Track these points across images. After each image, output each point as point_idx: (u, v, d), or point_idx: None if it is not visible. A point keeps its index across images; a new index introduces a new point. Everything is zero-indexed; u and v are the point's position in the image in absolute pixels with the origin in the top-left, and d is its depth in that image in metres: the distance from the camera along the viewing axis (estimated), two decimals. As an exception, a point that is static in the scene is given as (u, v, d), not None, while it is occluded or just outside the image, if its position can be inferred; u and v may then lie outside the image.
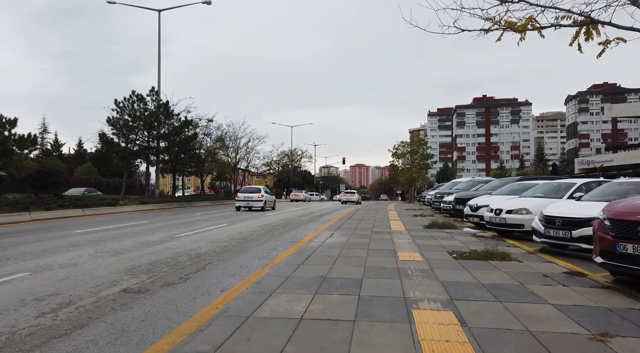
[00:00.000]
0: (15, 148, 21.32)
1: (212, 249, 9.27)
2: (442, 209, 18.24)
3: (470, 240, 10.17)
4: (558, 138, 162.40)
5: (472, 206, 12.61)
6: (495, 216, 10.20)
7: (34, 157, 53.21)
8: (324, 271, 6.31)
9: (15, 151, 21.16)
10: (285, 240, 10.96)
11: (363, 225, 14.44)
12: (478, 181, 21.15)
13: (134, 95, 27.16)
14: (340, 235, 11.33)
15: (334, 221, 16.59)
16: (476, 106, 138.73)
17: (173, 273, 6.67)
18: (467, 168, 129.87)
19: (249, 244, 10.13)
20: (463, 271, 6.30)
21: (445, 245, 9.26)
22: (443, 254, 7.98)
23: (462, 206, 14.75)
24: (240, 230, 13.47)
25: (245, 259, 8.03)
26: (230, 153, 42.67)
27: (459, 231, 12.07)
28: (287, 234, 12.32)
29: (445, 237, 10.67)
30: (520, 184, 13.19)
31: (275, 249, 9.30)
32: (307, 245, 9.35)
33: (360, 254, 7.93)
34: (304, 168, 75.68)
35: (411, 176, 43.98)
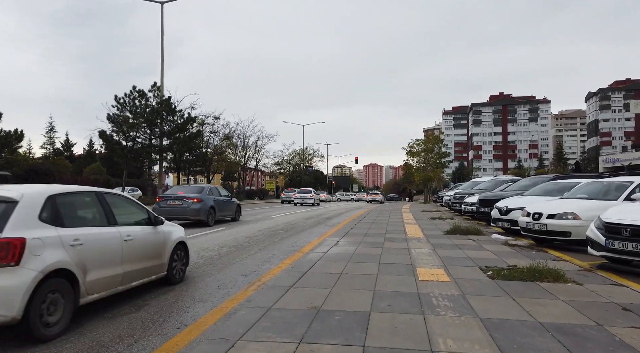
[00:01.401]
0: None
1: (193, 261, 7.76)
2: (464, 211, 16.51)
3: (503, 249, 8.49)
4: (577, 137, 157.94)
5: (501, 209, 10.90)
6: (534, 222, 8.50)
7: (42, 156, 52.84)
8: (320, 299, 4.74)
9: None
10: (284, 248, 9.42)
11: (375, 229, 12.82)
12: (502, 180, 19.33)
13: (135, 90, 25.93)
14: (347, 242, 9.74)
15: (342, 224, 14.99)
16: (493, 104, 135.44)
17: (128, 299, 5.18)
18: (483, 167, 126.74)
19: (240, 254, 8.61)
20: (507, 301, 4.66)
21: (474, 256, 7.61)
22: (474, 271, 6.34)
23: (487, 209, 13.03)
24: (237, 235, 11.98)
25: (228, 275, 6.51)
26: (238, 152, 41.34)
27: (487, 238, 10.37)
28: (287, 240, 10.78)
29: (472, 246, 9.00)
30: (556, 184, 11.43)
31: (268, 261, 7.77)
32: (307, 257, 7.78)
33: (369, 270, 6.33)
34: (315, 167, 74.19)
35: (426, 175, 42.03)
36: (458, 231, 11.28)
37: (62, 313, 3.90)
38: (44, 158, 52.43)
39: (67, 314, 3.96)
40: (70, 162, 61.57)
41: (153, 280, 5.52)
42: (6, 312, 3.42)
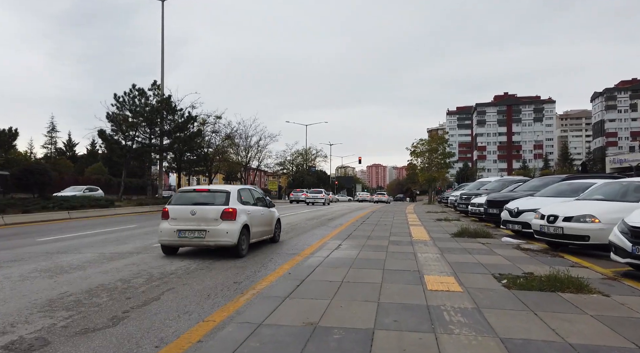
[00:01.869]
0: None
1: (185, 265, 7.29)
2: (470, 212, 15.96)
3: (516, 254, 7.96)
4: (583, 137, 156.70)
5: (511, 211, 10.35)
6: (548, 225, 7.96)
7: (44, 156, 52.56)
8: (317, 313, 4.24)
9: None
10: (283, 251, 8.94)
11: (378, 231, 12.31)
12: (510, 180, 18.76)
13: (135, 89, 25.48)
14: (349, 245, 9.23)
15: (345, 226, 14.49)
16: (497, 104, 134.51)
17: (107, 309, 4.71)
18: (487, 167, 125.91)
19: (234, 260, 8.12)
20: (529, 316, 4.14)
21: (485, 262, 7.08)
22: (487, 279, 5.81)
23: (496, 210, 12.49)
24: (234, 237, 11.48)
25: (220, 283, 6.02)
26: (240, 152, 40.85)
27: (497, 241, 9.84)
28: (287, 243, 10.30)
29: (482, 250, 8.47)
30: (570, 184, 10.87)
31: (265, 266, 7.28)
32: (306, 262, 7.28)
33: (373, 278, 5.82)
34: (318, 167, 73.62)
35: (431, 175, 41.41)
36: (466, 233, 10.76)
37: (246, 244, 8.35)
38: (45, 157, 52.11)
39: (247, 246, 8.40)
40: (73, 162, 61.32)
41: (267, 239, 9.99)
42: (232, 240, 7.77)
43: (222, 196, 8.40)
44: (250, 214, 8.56)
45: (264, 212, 9.60)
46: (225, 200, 8.19)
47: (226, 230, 7.80)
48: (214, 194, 8.57)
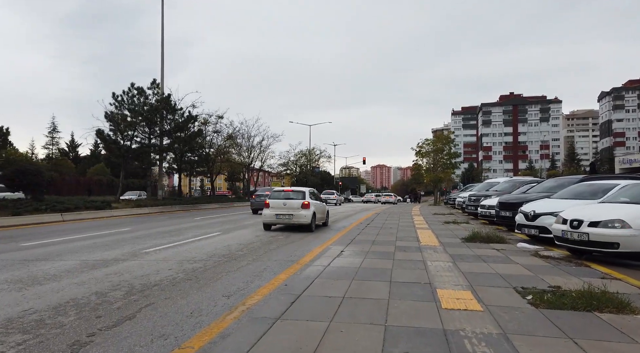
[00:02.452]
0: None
1: (172, 275, 6.63)
2: (480, 215, 15.21)
3: (536, 263, 7.23)
4: (590, 137, 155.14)
5: (527, 214, 9.62)
6: (572, 230, 7.23)
7: (45, 156, 52.19)
8: (313, 340, 3.56)
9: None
10: (281, 258, 8.27)
11: (384, 235, 11.60)
12: (521, 181, 18.00)
13: (134, 88, 24.87)
14: (353, 252, 8.53)
15: (348, 229, 13.79)
16: (503, 104, 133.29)
17: (71, 332, 4.05)
18: (493, 168, 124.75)
19: (229, 266, 7.46)
20: (567, 344, 3.44)
21: (503, 272, 6.37)
22: (510, 294, 5.11)
23: (509, 213, 11.76)
24: (231, 241, 10.84)
25: (207, 297, 5.35)
26: (242, 152, 40.20)
27: (512, 247, 9.11)
28: (286, 249, 9.62)
29: (497, 258, 7.75)
30: (590, 186, 10.12)
31: (259, 276, 6.61)
32: (304, 271, 6.60)
33: (379, 293, 5.13)
34: (322, 168, 72.86)
35: (436, 176, 40.57)
36: (478, 238, 10.03)
37: (314, 224, 13.34)
38: (47, 158, 51.73)
39: (315, 225, 13.41)
40: (76, 163, 60.95)
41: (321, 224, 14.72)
42: (307, 221, 12.98)
43: (301, 194, 13.70)
44: (316, 206, 13.76)
45: (322, 205, 14.87)
46: (303, 196, 13.51)
47: (304, 214, 13.10)
48: (296, 192, 13.87)
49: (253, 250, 9.35)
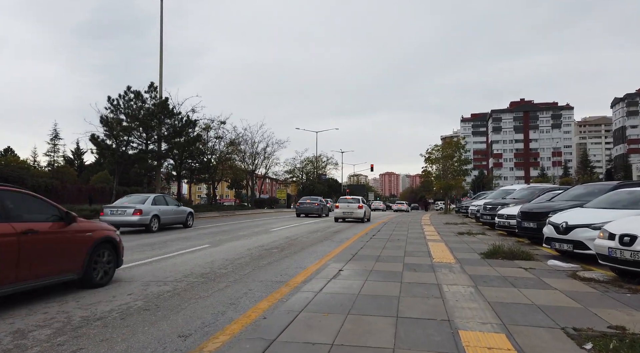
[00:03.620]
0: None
1: (129, 303, 5.37)
2: (498, 225, 13.78)
3: (578, 288, 5.85)
4: (602, 144, 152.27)
5: (558, 226, 8.22)
6: (623, 248, 5.85)
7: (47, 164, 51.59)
8: None
9: None
10: (268, 278, 6.98)
11: (390, 249, 10.25)
12: (541, 188, 16.56)
13: (130, 91, 23.87)
14: (353, 271, 7.20)
15: (351, 241, 12.45)
16: (513, 110, 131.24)
17: None
18: (504, 175, 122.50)
19: (204, 289, 6.19)
20: None
21: (542, 303, 5.00)
22: (559, 339, 3.75)
23: (533, 224, 10.35)
24: (217, 256, 9.57)
25: (158, 337, 4.10)
26: (246, 158, 39.07)
27: (542, 265, 7.71)
28: (277, 265, 8.33)
29: (528, 280, 6.37)
30: (631, 193, 8.67)
31: (235, 304, 5.34)
32: (290, 299, 5.30)
33: (380, 338, 3.80)
34: (329, 175, 71.50)
35: (447, 183, 39.00)
36: (500, 254, 8.65)
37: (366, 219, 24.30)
38: (48, 165, 51.10)
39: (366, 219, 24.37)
40: (80, 170, 60.37)
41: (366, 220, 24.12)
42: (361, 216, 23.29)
43: (357, 200, 23.21)
44: (365, 207, 23.13)
45: (367, 207, 24.34)
46: (358, 202, 22.87)
47: (359, 212, 22.35)
48: (354, 199, 23.27)
49: (239, 267, 8.07)
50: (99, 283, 6.28)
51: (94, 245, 6.24)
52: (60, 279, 5.71)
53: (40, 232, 5.39)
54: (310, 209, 29.27)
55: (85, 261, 6.06)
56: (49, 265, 5.49)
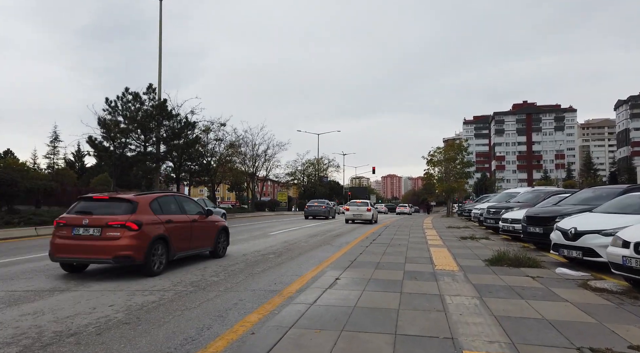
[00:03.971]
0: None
1: (109, 315, 5.02)
2: (502, 229, 13.39)
3: (591, 300, 5.47)
4: (605, 146, 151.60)
5: (567, 232, 7.84)
6: (639, 257, 5.46)
7: (46, 166, 51.36)
8: None
9: None
10: (261, 287, 6.62)
11: (391, 255, 9.88)
12: (546, 191, 16.16)
13: (128, 92, 23.58)
14: (350, 279, 6.83)
15: (351, 246, 12.08)
16: (516, 113, 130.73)
17: None
18: (507, 178, 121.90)
19: (192, 299, 5.85)
20: None
21: (553, 317, 4.62)
22: (576, 363, 3.38)
23: (539, 229, 9.96)
24: (209, 262, 9.21)
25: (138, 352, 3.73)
26: (247, 161, 38.73)
27: (551, 273, 7.33)
28: (273, 272, 7.97)
29: (536, 291, 5.99)
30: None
31: (223, 317, 4.97)
32: (283, 312, 4.94)
33: (378, 359, 3.44)
34: (331, 178, 71.16)
35: (450, 186, 38.56)
36: (505, 260, 8.27)
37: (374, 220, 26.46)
38: (48, 167, 50.86)
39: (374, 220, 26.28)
40: (82, 173, 60.11)
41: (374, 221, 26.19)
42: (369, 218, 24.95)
43: (366, 203, 25.20)
44: (373, 210, 25.13)
45: (375, 210, 26.86)
46: (367, 205, 24.94)
47: (368, 214, 24.18)
48: (363, 203, 25.47)
49: (232, 275, 7.71)
50: (221, 255, 9.87)
51: (219, 230, 9.70)
52: (203, 250, 9.32)
53: (197, 221, 8.84)
54: (318, 212, 30.84)
55: (215, 240, 9.56)
56: (200, 241, 8.96)
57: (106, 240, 6.96)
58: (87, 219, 7.09)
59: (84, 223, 7.07)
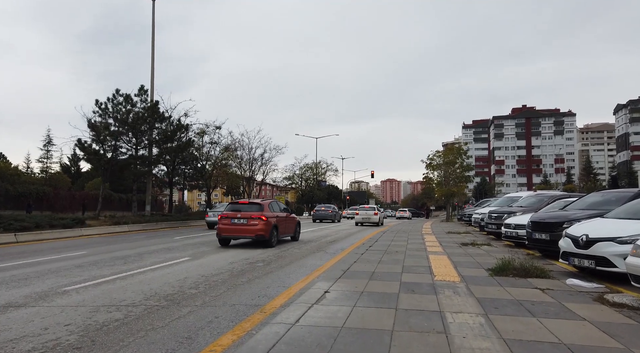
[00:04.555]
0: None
1: (60, 338, 4.37)
2: (505, 235, 12.76)
3: (610, 317, 4.83)
4: (605, 151, 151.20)
5: (577, 240, 7.21)
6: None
7: (40, 170, 50.65)
8: None
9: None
10: (243, 301, 5.98)
11: (387, 263, 9.24)
12: (550, 195, 15.53)
13: (119, 94, 22.94)
14: (341, 293, 6.19)
15: (346, 253, 11.43)
16: (516, 117, 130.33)
17: None
18: (506, 182, 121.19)
19: (162, 316, 5.20)
20: None
21: (571, 341, 3.99)
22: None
23: (545, 235, 9.33)
24: (193, 271, 8.57)
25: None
26: (243, 165, 38.09)
27: (561, 285, 6.69)
28: (259, 282, 7.34)
29: (547, 306, 5.36)
30: (659, 201, 7.68)
31: (191, 338, 4.34)
32: (260, 333, 4.29)
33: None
34: (329, 182, 70.47)
35: (449, 190, 37.92)
36: (510, 270, 7.63)
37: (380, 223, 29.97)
38: (41, 171, 50.17)
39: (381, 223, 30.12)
40: (78, 177, 59.42)
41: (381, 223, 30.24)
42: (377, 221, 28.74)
43: (373, 208, 29.64)
44: (380, 214, 29.20)
45: (383, 214, 32.22)
46: (374, 209, 29.06)
47: (375, 218, 27.94)
48: (370, 207, 30.07)
49: (213, 286, 7.06)
50: (297, 239, 15.05)
51: (296, 223, 14.95)
52: (288, 236, 14.19)
53: (287, 216, 13.77)
54: (325, 216, 33.78)
55: (294, 229, 14.76)
56: (288, 229, 13.88)
57: (250, 225, 12.50)
58: (239, 214, 12.75)
59: (238, 216, 12.74)
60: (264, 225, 12.36)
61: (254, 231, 12.35)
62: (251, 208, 12.87)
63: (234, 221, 12.64)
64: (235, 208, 13.08)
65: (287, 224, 14.02)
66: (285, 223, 13.83)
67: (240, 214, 12.63)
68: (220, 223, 12.77)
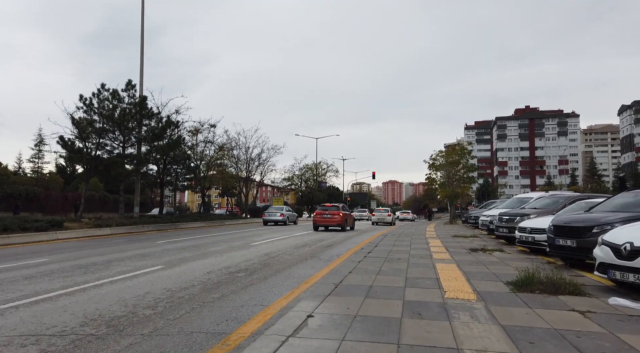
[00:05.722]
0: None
1: None
2: (519, 240, 11.43)
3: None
4: (609, 152, 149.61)
5: (620, 249, 5.91)
6: None
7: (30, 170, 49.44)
8: None
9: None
10: (205, 326, 4.73)
11: (388, 274, 7.95)
12: (566, 196, 14.22)
13: (104, 89, 21.69)
14: (328, 317, 4.89)
15: (341, 260, 10.13)
16: (519, 118, 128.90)
17: None
18: (509, 183, 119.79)
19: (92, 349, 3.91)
20: None
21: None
22: None
23: (571, 242, 8.02)
24: (158, 285, 7.29)
25: None
26: (240, 165, 36.82)
27: (603, 305, 5.40)
28: (232, 300, 6.06)
29: (598, 340, 4.07)
30: None
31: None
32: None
33: None
34: (330, 183, 69.07)
35: (453, 191, 36.56)
36: (535, 284, 6.32)
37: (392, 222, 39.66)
38: (34, 172, 48.96)
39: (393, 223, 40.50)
40: (73, 178, 58.25)
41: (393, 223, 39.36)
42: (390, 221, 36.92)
43: (387, 210, 39.77)
44: (392, 215, 38.42)
45: (394, 215, 42.80)
46: (388, 211, 38.56)
47: (389, 218, 36.03)
48: (384, 209, 41.12)
49: (175, 305, 5.79)
50: (354, 229, 26.09)
51: (353, 218, 27.25)
52: (347, 227, 24.38)
53: (348, 214, 25.36)
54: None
55: (352, 223, 26.24)
56: (348, 223, 24.69)
57: (334, 219, 23.14)
58: (327, 212, 23.55)
59: (327, 212, 23.58)
60: (340, 218, 22.87)
61: (335, 221, 22.88)
62: (333, 208, 23.66)
63: (324, 216, 23.23)
64: (324, 208, 23.84)
65: (349, 219, 24.48)
66: (350, 218, 24.86)
67: (328, 212, 23.19)
68: (315, 217, 23.70)
